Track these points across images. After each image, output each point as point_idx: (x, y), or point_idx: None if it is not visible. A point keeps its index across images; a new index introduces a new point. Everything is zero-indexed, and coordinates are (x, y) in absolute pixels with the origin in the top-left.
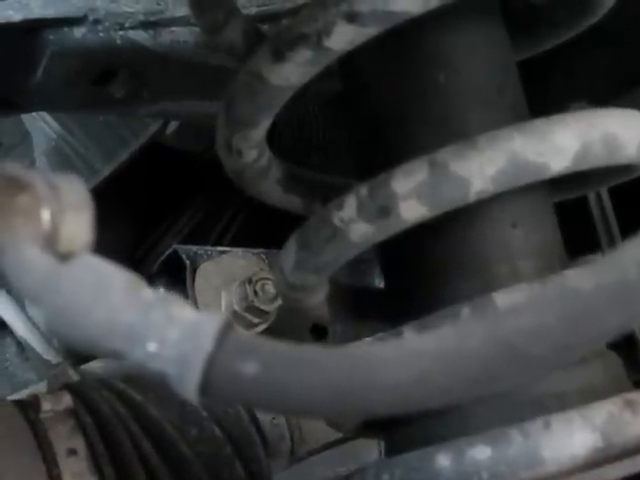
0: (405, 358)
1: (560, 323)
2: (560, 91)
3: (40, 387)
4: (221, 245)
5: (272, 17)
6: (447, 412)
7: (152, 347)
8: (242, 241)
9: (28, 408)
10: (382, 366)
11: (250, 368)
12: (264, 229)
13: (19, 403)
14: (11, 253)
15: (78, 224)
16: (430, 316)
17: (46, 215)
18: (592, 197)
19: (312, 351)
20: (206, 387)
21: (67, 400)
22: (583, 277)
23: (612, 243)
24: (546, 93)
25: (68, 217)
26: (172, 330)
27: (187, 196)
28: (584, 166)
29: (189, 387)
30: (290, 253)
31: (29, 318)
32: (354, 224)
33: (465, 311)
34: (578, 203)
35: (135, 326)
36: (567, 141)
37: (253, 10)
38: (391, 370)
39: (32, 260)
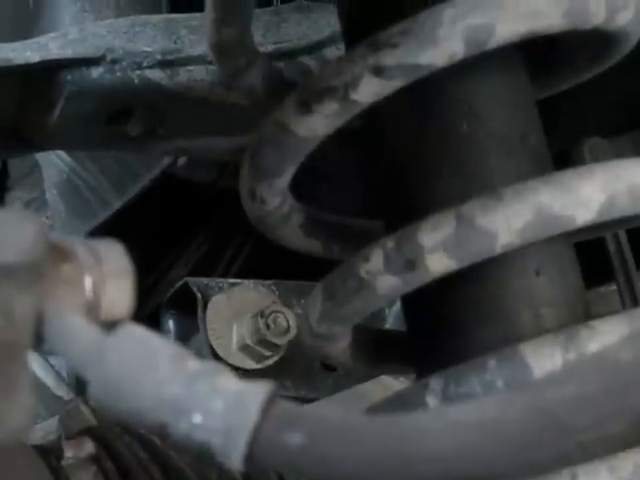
0: (450, 428)
1: (601, 395)
2: (572, 127)
3: (51, 423)
4: (230, 273)
5: (288, 55)
6: None
7: (197, 418)
8: (250, 269)
9: (50, 455)
10: (427, 437)
11: (295, 439)
12: (272, 257)
13: (41, 449)
14: (56, 322)
15: (119, 292)
16: (456, 367)
17: (89, 284)
18: (608, 234)
19: (357, 421)
20: (251, 458)
21: (89, 446)
22: (622, 348)
23: (628, 277)
24: (558, 129)
25: (110, 285)
26: (217, 401)
27: (196, 226)
28: (609, 217)
29: (234, 458)
30: (316, 303)
31: (42, 355)
32: (381, 276)
33: (492, 363)
34: (596, 239)
35: (181, 398)
36: (593, 193)
37: (269, 47)
38: (437, 441)
39: (77, 329)
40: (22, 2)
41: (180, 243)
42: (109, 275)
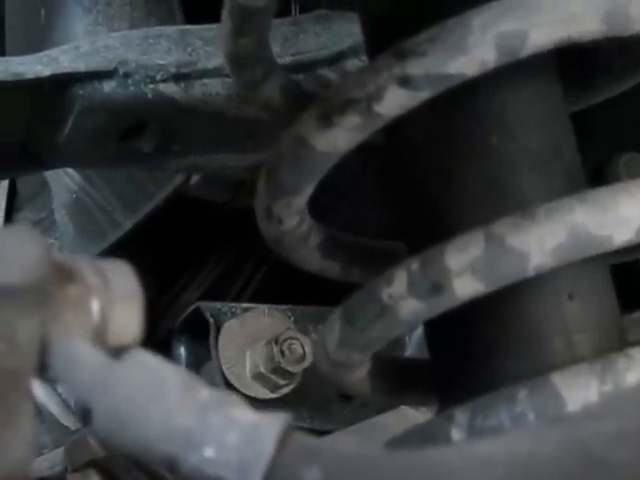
0: (476, 466)
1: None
2: (607, 142)
3: (57, 454)
4: (244, 297)
5: (307, 66)
6: None
7: (210, 452)
8: (265, 293)
9: None
10: (453, 475)
11: (312, 474)
12: (287, 281)
13: None
14: (61, 348)
15: (128, 316)
16: (483, 398)
17: (96, 307)
18: None
19: (376, 457)
20: None
21: None
22: None
23: None
24: (592, 144)
25: (118, 309)
26: (231, 434)
27: (210, 247)
28: None
29: None
30: (334, 329)
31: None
32: (404, 301)
33: (522, 394)
34: (630, 262)
35: (192, 430)
36: (631, 212)
37: (287, 59)
38: (463, 479)
39: (83, 356)
40: (33, 14)
41: (193, 265)
42: (117, 298)
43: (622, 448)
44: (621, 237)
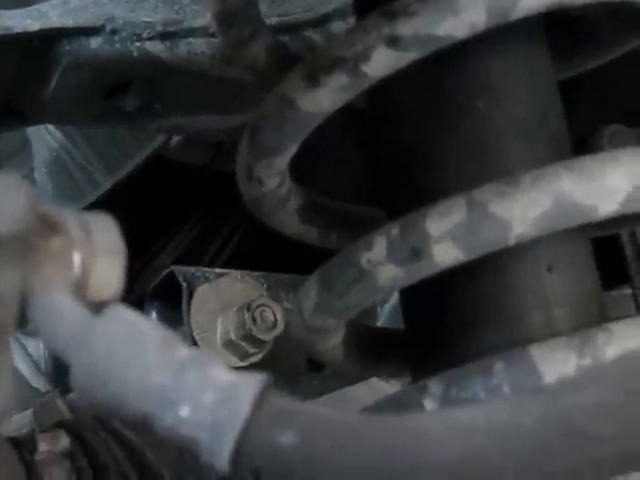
0: (456, 433)
1: (625, 403)
2: (591, 113)
3: (26, 415)
4: (219, 262)
5: (293, 28)
6: None
7: (185, 411)
8: (240, 258)
9: (23, 448)
10: (431, 442)
11: (288, 437)
12: (262, 246)
13: (14, 441)
14: (41, 300)
15: (109, 271)
16: (459, 369)
17: (77, 260)
18: (625, 233)
19: (355, 421)
20: (239, 456)
21: (64, 441)
22: None
23: None
24: (575, 115)
25: (99, 263)
26: (207, 393)
27: (188, 210)
28: (635, 209)
29: (221, 456)
30: (311, 293)
31: (20, 342)
32: (382, 266)
33: (498, 367)
34: (610, 238)
35: (168, 388)
36: (618, 182)
37: (274, 20)
38: (440, 446)
39: (63, 310)
40: None
41: (170, 227)
42: (99, 252)
43: (602, 420)
44: (607, 207)
